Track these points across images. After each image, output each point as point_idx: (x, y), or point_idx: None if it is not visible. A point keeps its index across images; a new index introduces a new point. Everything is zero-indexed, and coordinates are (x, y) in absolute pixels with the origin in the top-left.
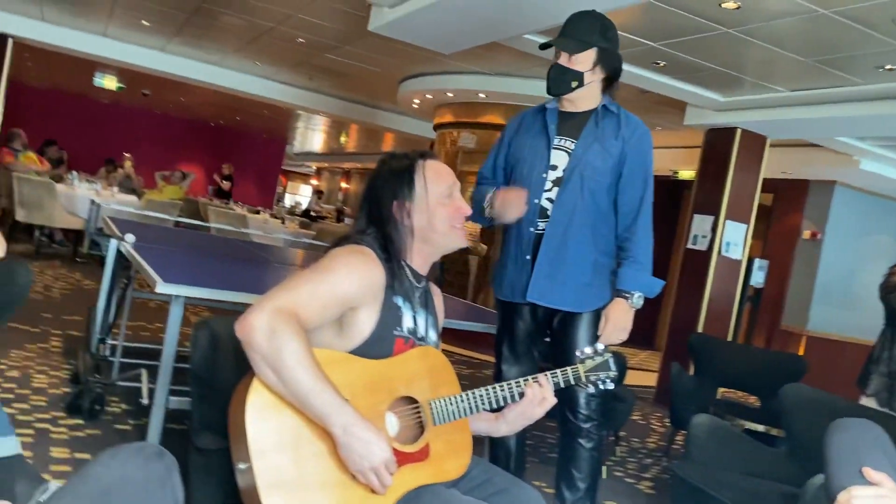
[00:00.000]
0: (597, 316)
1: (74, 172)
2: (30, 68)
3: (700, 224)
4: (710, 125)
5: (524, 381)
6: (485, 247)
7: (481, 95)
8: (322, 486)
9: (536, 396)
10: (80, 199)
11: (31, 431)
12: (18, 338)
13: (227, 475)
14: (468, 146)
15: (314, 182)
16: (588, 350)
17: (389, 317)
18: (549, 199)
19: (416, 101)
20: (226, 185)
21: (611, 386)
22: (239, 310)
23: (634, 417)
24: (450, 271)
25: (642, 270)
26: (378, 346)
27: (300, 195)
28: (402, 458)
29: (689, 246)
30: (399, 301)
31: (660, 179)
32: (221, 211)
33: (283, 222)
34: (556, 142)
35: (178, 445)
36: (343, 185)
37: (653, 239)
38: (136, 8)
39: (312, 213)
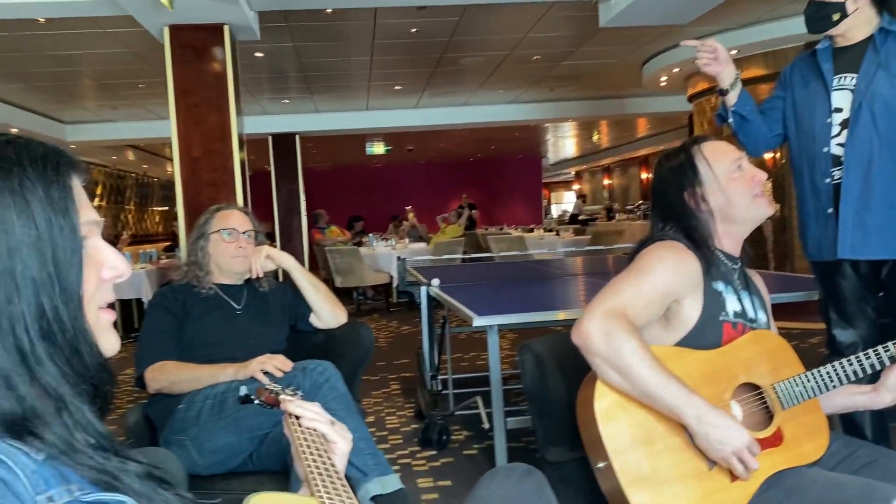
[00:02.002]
0: None
1: (370, 234)
2: (314, 155)
3: None
4: None
5: (893, 344)
6: (776, 206)
7: (733, 52)
8: (681, 477)
9: None
10: (381, 256)
11: (397, 467)
12: (364, 387)
13: (582, 482)
14: None
15: (576, 187)
16: None
17: (713, 303)
18: (840, 145)
19: (664, 78)
20: (474, 213)
21: None
22: (543, 328)
23: None
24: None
25: None
26: (705, 333)
27: (565, 203)
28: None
29: None
30: (719, 286)
31: None
32: (499, 237)
33: (557, 234)
34: (834, 83)
35: (524, 461)
36: (606, 181)
37: None
38: (387, 77)
39: (581, 218)
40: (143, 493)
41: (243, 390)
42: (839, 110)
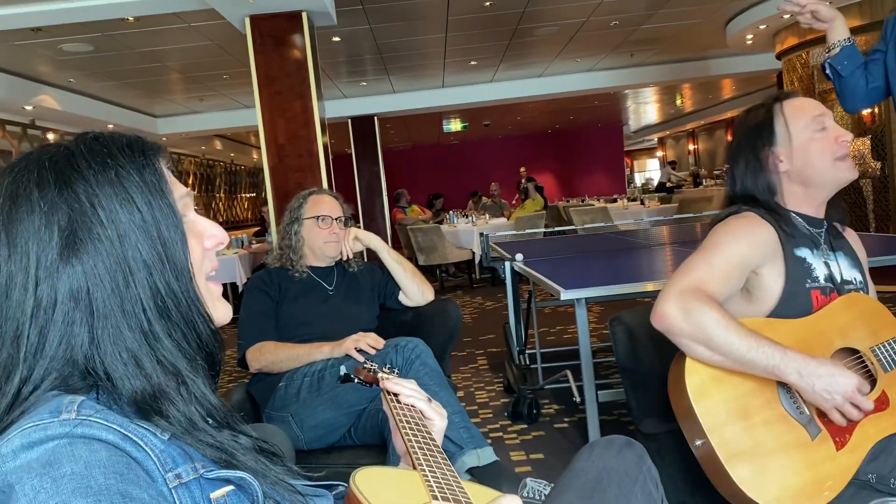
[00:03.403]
0: None
1: (451, 212)
2: (392, 136)
3: None
4: None
5: None
6: (877, 164)
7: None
8: (784, 449)
9: None
10: (462, 233)
11: (489, 441)
12: (453, 363)
13: (678, 453)
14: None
15: (659, 154)
16: None
17: (797, 271)
18: None
19: (749, 36)
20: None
21: None
22: (630, 300)
23: None
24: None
25: None
26: (794, 302)
27: (648, 171)
28: None
29: None
30: (803, 252)
31: None
32: (581, 210)
33: (642, 203)
34: None
35: (617, 434)
36: (691, 146)
37: None
38: (462, 53)
39: (668, 185)
40: (258, 470)
41: (342, 370)
42: None
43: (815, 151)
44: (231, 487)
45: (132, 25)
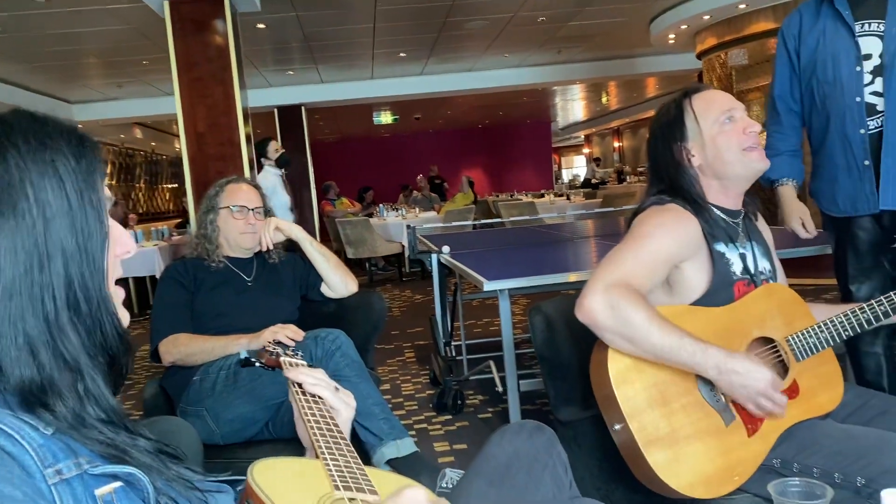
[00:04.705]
0: None
1: (381, 205)
2: (322, 127)
3: None
4: None
5: None
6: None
7: (741, 7)
8: (699, 435)
9: None
10: (392, 226)
11: (413, 433)
12: (379, 357)
13: (594, 441)
14: (740, 63)
15: (586, 150)
16: None
17: (720, 266)
18: (875, 93)
19: (672, 35)
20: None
21: None
22: (554, 291)
23: None
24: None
25: None
26: (718, 297)
27: (575, 167)
28: None
29: None
30: (720, 247)
31: None
32: (510, 204)
33: (568, 198)
34: (858, 28)
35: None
36: (616, 144)
37: None
38: (392, 44)
39: (593, 182)
40: (153, 467)
41: (243, 353)
42: (868, 57)
43: (723, 143)
44: (119, 484)
45: (43, 6)
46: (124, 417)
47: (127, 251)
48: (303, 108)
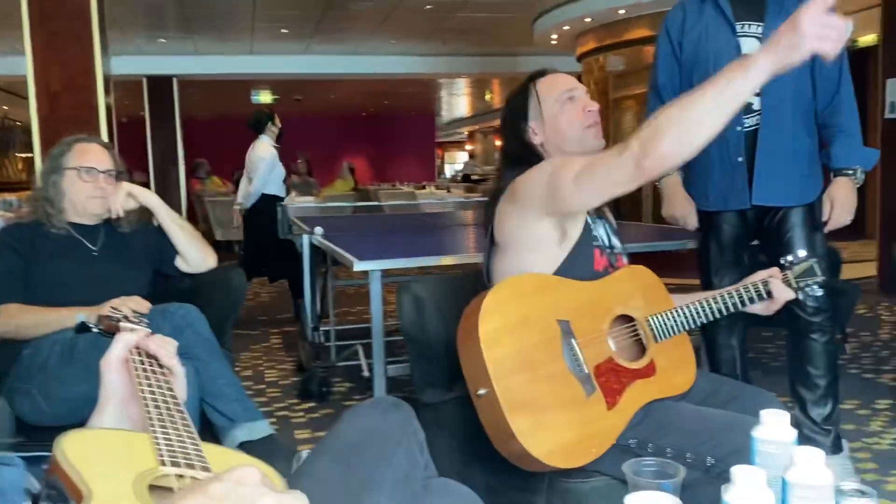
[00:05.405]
0: (811, 207)
1: None
2: (196, 102)
3: (895, 88)
4: None
5: (762, 283)
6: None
7: (621, 12)
8: (561, 404)
9: (781, 294)
10: None
11: (274, 420)
12: (243, 342)
13: (457, 423)
14: (617, 69)
15: (469, 147)
16: (790, 257)
17: (587, 228)
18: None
19: (554, 36)
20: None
21: (819, 292)
22: (428, 273)
23: (860, 311)
24: (625, 203)
25: (856, 142)
26: (581, 256)
27: (459, 163)
28: (631, 375)
29: (888, 115)
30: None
31: None
32: (391, 193)
33: (448, 191)
34: (739, 28)
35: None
36: (498, 143)
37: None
38: (273, 18)
39: (473, 177)
40: None
41: (80, 317)
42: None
43: (564, 122)
44: None
45: None
46: None
47: None
48: (174, 79)
